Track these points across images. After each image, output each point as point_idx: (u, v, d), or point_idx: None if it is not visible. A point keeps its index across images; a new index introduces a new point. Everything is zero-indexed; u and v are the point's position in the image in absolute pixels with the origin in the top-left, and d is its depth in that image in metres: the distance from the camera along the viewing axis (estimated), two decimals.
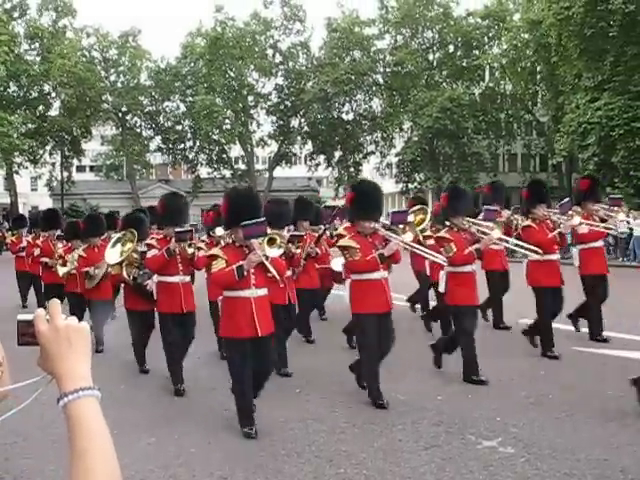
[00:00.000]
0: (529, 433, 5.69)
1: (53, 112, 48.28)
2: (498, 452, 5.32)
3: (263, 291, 5.93)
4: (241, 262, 5.70)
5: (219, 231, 8.59)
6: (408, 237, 6.79)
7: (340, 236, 7.91)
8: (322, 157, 50.61)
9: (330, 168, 50.87)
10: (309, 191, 48.35)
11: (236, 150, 52.67)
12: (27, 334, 1.31)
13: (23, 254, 14.40)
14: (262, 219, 5.85)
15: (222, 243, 7.70)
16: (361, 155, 50.71)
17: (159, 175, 61.29)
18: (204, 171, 51.27)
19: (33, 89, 47.15)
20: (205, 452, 5.50)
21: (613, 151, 29.76)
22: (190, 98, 48.13)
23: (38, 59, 46.35)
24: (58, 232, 12.62)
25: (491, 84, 46.83)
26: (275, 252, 6.01)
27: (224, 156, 50.51)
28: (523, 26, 39.61)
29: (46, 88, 47.55)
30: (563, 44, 32.17)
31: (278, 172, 51.87)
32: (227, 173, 50.82)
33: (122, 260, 8.24)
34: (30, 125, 44.42)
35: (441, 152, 46.15)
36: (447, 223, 7.70)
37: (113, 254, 8.33)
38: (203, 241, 9.49)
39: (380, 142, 50.14)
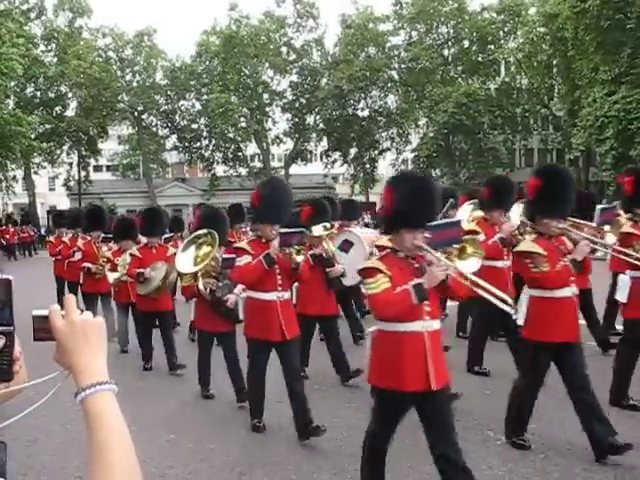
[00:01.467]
0: (548, 429, 5.66)
1: (70, 112, 48.63)
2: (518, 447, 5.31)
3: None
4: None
5: (317, 230, 7.23)
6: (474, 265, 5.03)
7: (474, 232, 6.61)
8: (338, 154, 50.57)
9: (346, 165, 50.83)
10: (325, 188, 48.27)
11: (252, 148, 52.74)
12: (42, 330, 1.31)
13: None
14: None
15: (324, 244, 7.22)
16: (377, 151, 50.61)
17: (175, 174, 61.44)
18: (220, 169, 51.38)
19: (50, 90, 47.50)
20: (224, 449, 5.52)
21: (631, 144, 29.47)
22: (205, 96, 48.24)
23: (54, 60, 46.70)
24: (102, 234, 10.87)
25: (507, 79, 46.55)
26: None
27: (240, 154, 50.60)
28: (539, 20, 39.36)
29: (63, 89, 47.89)
30: (579, 37, 31.91)
31: (294, 169, 51.91)
32: (243, 171, 50.94)
33: (199, 269, 6.56)
34: (47, 125, 44.73)
35: (457, 148, 45.98)
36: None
37: (186, 261, 6.68)
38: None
39: (396, 138, 50.05)
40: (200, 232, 6.73)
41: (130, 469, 1.19)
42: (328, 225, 7.39)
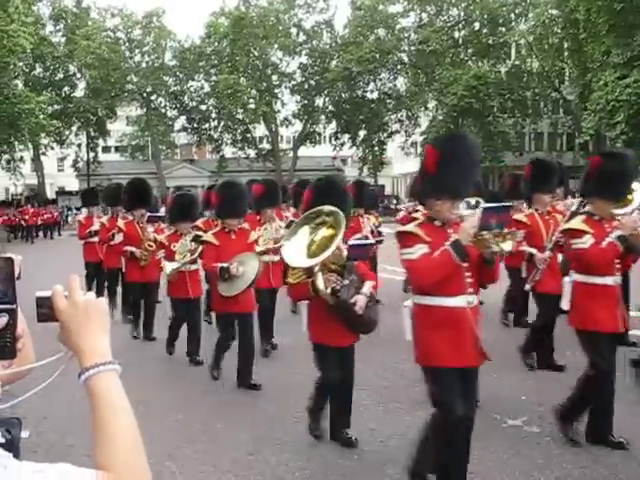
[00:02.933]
0: (553, 413, 5.67)
1: (78, 93, 48.64)
2: (523, 431, 5.32)
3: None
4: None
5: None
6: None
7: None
8: (347, 136, 50.48)
9: (355, 147, 50.72)
10: (334, 170, 48.21)
11: (260, 130, 52.68)
12: (46, 310, 1.31)
13: (95, 239, 10.77)
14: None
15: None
16: (386, 134, 50.48)
17: (184, 155, 61.42)
18: (229, 151, 51.35)
19: (58, 70, 47.49)
20: (232, 430, 5.56)
21: None
22: (214, 78, 48.16)
23: (63, 40, 46.63)
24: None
25: (517, 62, 46.23)
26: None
27: (248, 136, 50.56)
28: (551, 2, 39.01)
29: (71, 69, 47.91)
30: (592, 20, 31.62)
31: (302, 151, 51.85)
32: (252, 153, 50.94)
33: (320, 261, 4.68)
34: (56, 106, 44.74)
35: (466, 131, 45.72)
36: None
37: (297, 250, 4.82)
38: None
39: (405, 121, 49.89)
40: (315, 210, 4.88)
41: (133, 445, 1.21)
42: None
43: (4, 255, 1.28)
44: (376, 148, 50.06)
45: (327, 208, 4.78)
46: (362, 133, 50.32)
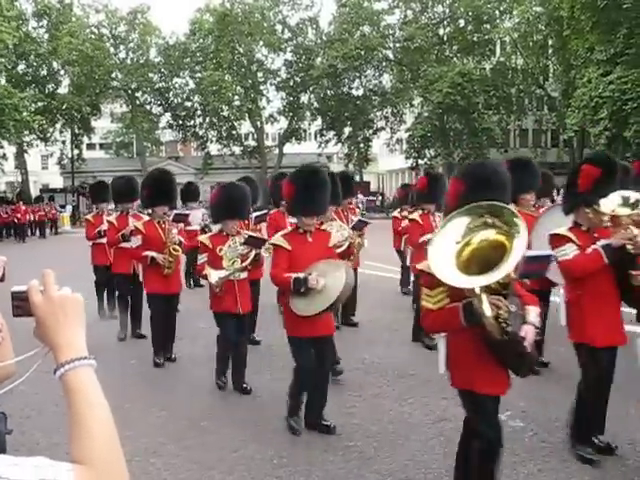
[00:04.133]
0: (536, 407, 5.72)
1: (62, 90, 48.24)
2: (507, 425, 5.33)
3: None
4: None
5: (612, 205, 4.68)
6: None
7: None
8: (332, 133, 50.47)
9: (340, 144, 50.75)
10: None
11: (246, 127, 52.58)
12: (21, 305, 1.31)
13: (103, 241, 9.57)
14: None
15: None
16: (371, 131, 50.53)
17: (169, 152, 61.26)
18: (214, 148, 51.23)
19: (42, 67, 47.10)
20: (217, 426, 5.57)
21: (625, 125, 29.43)
22: (199, 74, 47.99)
23: (46, 37, 46.26)
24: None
25: (502, 59, 46.39)
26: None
27: (234, 132, 50.45)
28: None
29: (55, 66, 47.49)
30: (575, 16, 31.72)
31: (288, 148, 51.82)
32: (237, 150, 50.82)
33: (494, 281, 3.28)
34: (40, 103, 44.42)
35: (452, 128, 45.86)
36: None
37: (449, 262, 3.36)
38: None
39: (390, 118, 49.94)
40: (483, 205, 3.42)
41: (110, 440, 1.21)
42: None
43: None
44: (361, 145, 50.10)
45: (488, 203, 3.40)
46: (347, 130, 50.32)
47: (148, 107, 51.43)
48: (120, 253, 8.88)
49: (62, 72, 47.84)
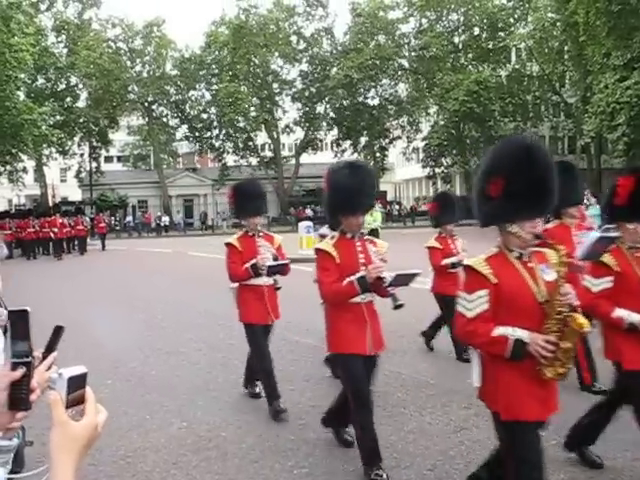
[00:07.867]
0: (559, 416, 5.64)
1: (80, 104, 48.82)
2: None
3: None
4: None
5: None
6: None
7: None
8: (348, 143, 50.60)
9: (356, 153, 50.84)
10: None
11: (262, 137, 52.83)
12: (74, 395, 1.28)
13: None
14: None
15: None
16: (387, 140, 50.63)
17: (186, 164, 61.62)
18: (230, 159, 51.48)
19: (60, 81, 47.68)
20: (236, 437, 5.56)
21: None
22: (215, 86, 48.34)
23: (65, 51, 46.86)
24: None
25: (517, 66, 46.33)
26: None
27: (250, 144, 50.69)
28: (550, 5, 39.07)
29: (73, 80, 48.08)
30: (591, 22, 31.59)
31: (304, 159, 51.99)
32: (254, 161, 51.04)
33: None
34: (58, 117, 44.90)
35: (468, 136, 45.84)
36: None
37: None
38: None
39: (406, 127, 49.99)
40: None
41: None
42: None
43: (18, 308, 1.26)
44: (377, 154, 50.12)
45: None
46: (363, 139, 50.47)
47: (165, 119, 51.88)
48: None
49: (80, 86, 48.42)
